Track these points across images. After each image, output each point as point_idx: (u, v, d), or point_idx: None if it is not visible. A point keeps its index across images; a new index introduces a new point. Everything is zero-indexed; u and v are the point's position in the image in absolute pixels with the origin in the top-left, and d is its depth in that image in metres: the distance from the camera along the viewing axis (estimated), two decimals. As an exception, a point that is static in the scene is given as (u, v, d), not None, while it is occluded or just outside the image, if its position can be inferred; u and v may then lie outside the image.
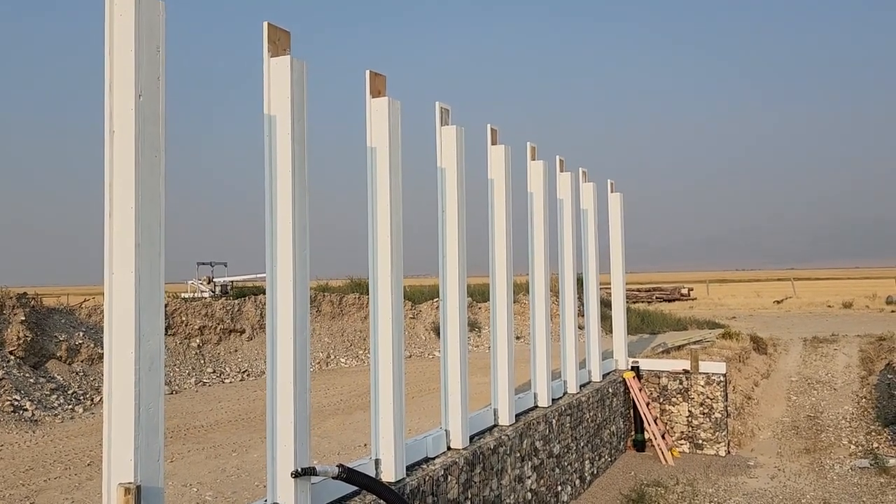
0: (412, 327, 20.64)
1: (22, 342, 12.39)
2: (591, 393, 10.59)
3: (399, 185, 5.93)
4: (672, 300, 46.96)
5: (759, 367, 16.84)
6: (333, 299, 19.78)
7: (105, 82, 3.61)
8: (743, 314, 32.05)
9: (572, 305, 10.56)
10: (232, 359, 16.10)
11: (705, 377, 12.23)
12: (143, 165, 3.53)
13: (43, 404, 11.19)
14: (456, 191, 7.03)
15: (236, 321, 17.15)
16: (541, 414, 8.74)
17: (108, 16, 3.59)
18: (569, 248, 10.47)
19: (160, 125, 3.64)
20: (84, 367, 13.11)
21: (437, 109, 7.18)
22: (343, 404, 11.57)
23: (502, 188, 8.17)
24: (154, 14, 3.62)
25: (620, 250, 13.06)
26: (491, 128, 8.30)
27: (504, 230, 8.17)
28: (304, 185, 4.76)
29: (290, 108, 4.64)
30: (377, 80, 5.94)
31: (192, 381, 14.27)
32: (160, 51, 3.65)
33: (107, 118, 3.59)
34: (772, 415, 14.05)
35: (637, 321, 22.42)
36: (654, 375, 12.61)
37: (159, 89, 3.65)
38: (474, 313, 21.68)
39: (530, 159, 9.37)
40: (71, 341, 13.30)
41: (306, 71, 4.81)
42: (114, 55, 3.60)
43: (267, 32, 4.70)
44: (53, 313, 14.06)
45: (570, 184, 10.57)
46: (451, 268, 7.05)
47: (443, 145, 7.12)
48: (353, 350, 18.33)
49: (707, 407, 12.15)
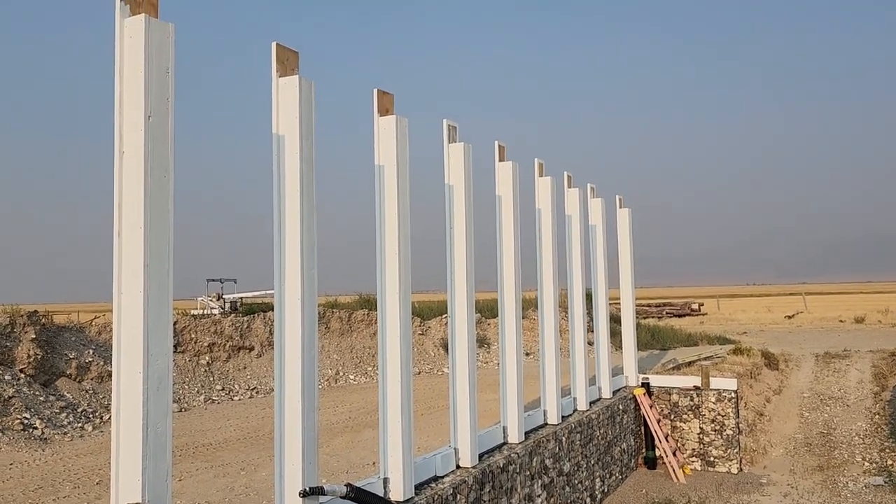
0: (421, 343, 20.59)
1: (32, 360, 12.43)
2: (601, 410, 10.52)
3: (407, 203, 5.94)
4: (682, 315, 46.76)
5: (770, 383, 16.71)
6: (342, 315, 19.78)
7: (115, 103, 3.65)
8: (754, 329, 31.86)
9: (581, 321, 10.52)
10: (241, 376, 16.10)
11: (716, 393, 12.14)
12: (152, 186, 3.55)
13: (53, 422, 11.20)
14: (464, 207, 7.04)
15: (245, 338, 17.16)
16: (550, 431, 8.68)
17: (119, 38, 3.63)
18: (577, 264, 10.45)
19: (169, 145, 3.67)
20: (94, 385, 13.13)
21: (445, 127, 7.21)
22: (352, 422, 11.53)
23: (510, 204, 8.18)
24: (164, 36, 3.66)
25: (630, 266, 13.02)
26: (499, 144, 8.32)
27: (512, 246, 8.17)
28: (313, 204, 4.78)
29: (298, 128, 4.67)
30: (385, 98, 5.97)
31: (202, 399, 14.26)
32: (169, 72, 3.69)
33: (117, 138, 3.62)
34: (784, 431, 13.91)
35: (647, 337, 22.31)
36: (665, 392, 12.52)
37: (168, 110, 3.68)
38: (483, 329, 21.63)
39: (538, 175, 9.38)
40: (81, 359, 13.34)
41: (314, 90, 4.84)
42: (124, 76, 3.63)
43: (275, 53, 4.74)
44: (64, 331, 14.11)
45: (579, 200, 10.57)
46: (460, 284, 7.04)
47: (450, 162, 7.14)
48: (362, 367, 18.29)
49: (718, 424, 12.05)
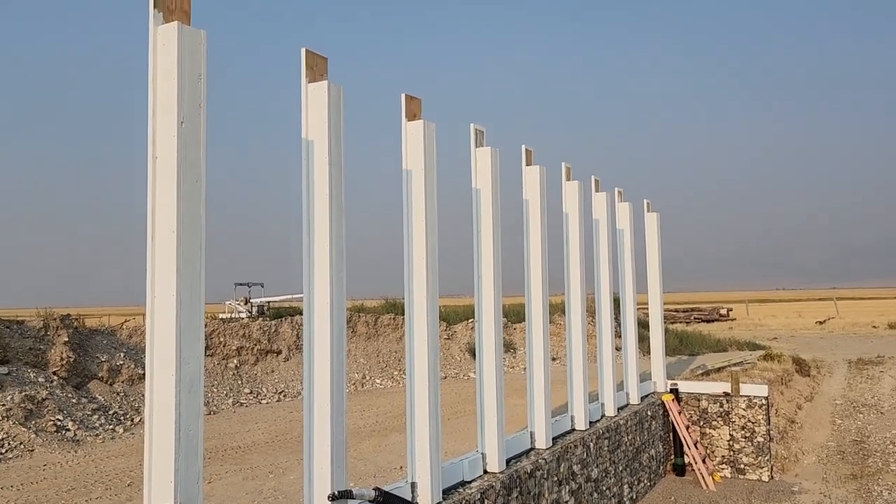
0: (447, 348, 20.59)
1: (65, 363, 12.64)
2: (629, 416, 10.43)
3: (434, 207, 5.95)
4: (711, 321, 46.22)
5: (802, 389, 16.44)
6: (369, 320, 19.84)
7: (148, 109, 3.70)
8: (784, 335, 31.39)
9: (609, 326, 10.44)
10: (269, 379, 16.21)
11: (747, 400, 11.97)
12: (185, 190, 3.60)
13: (85, 424, 11.37)
14: (491, 212, 7.03)
15: (273, 342, 17.29)
16: (578, 437, 8.62)
17: (152, 45, 3.68)
18: (605, 269, 10.38)
19: (201, 150, 3.71)
20: (125, 388, 13.31)
21: (472, 131, 7.21)
22: (378, 426, 11.56)
23: (537, 209, 8.15)
24: (196, 43, 3.70)
25: (658, 270, 12.90)
26: (525, 149, 8.31)
27: (539, 251, 8.14)
28: (341, 209, 4.81)
29: (327, 133, 4.70)
30: (412, 103, 5.99)
31: (230, 402, 14.39)
32: (202, 78, 3.73)
33: (150, 144, 3.67)
34: (816, 439, 13.67)
35: (675, 342, 22.09)
36: (694, 398, 12.38)
37: (200, 115, 3.72)
38: (509, 334, 21.56)
39: (565, 180, 9.34)
40: (112, 362, 13.53)
41: (343, 95, 4.87)
42: (157, 83, 3.69)
43: (305, 58, 4.78)
44: (95, 334, 14.33)
45: (606, 204, 10.51)
46: (487, 289, 7.03)
47: (477, 166, 7.14)
48: (389, 371, 18.33)
49: (749, 430, 11.88)
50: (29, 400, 10.95)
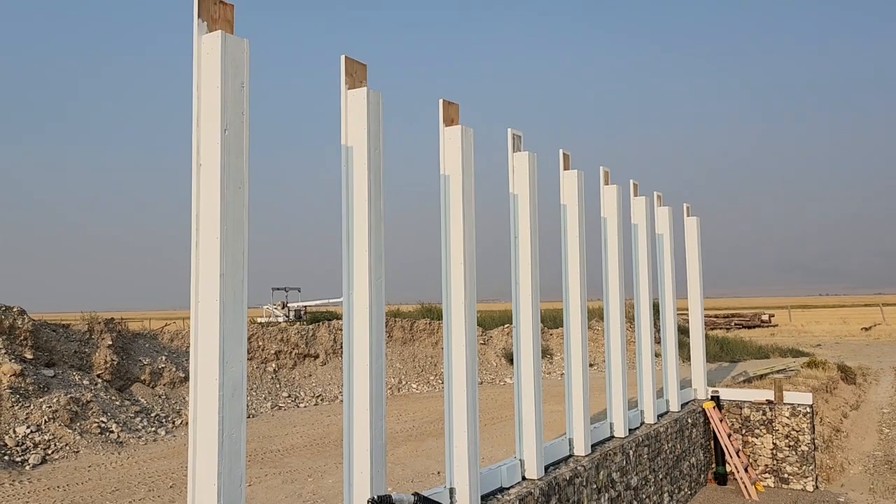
0: (483, 353, 20.54)
1: (109, 366, 12.90)
2: (669, 423, 10.28)
3: (472, 212, 5.94)
4: (752, 327, 45.36)
5: (847, 397, 16.04)
6: (405, 325, 19.91)
7: (193, 117, 3.76)
8: (828, 342, 30.69)
9: (648, 332, 10.31)
10: (306, 383, 16.35)
11: (790, 408, 11.71)
12: (228, 197, 3.64)
13: (128, 426, 11.59)
14: (528, 217, 7.00)
15: (311, 346, 17.44)
16: (617, 444, 8.52)
17: (196, 54, 3.74)
18: (644, 274, 10.26)
19: (244, 158, 3.75)
20: (166, 391, 13.54)
21: (509, 136, 7.18)
22: (415, 431, 11.57)
23: (575, 213, 8.09)
24: (239, 52, 3.75)
25: (698, 275, 12.71)
26: (563, 153, 8.25)
27: (577, 256, 8.07)
28: (381, 214, 4.83)
29: (366, 139, 4.73)
30: (450, 108, 5.99)
31: (269, 406, 14.54)
32: (244, 86, 3.78)
33: (194, 151, 3.73)
34: (863, 448, 13.32)
35: (716, 349, 21.73)
36: (736, 406, 12.15)
37: (243, 123, 3.77)
38: (546, 339, 21.44)
39: (603, 184, 9.26)
40: (154, 365, 13.78)
41: (381, 102, 4.89)
42: (201, 91, 3.74)
43: (344, 65, 4.81)
44: (138, 338, 14.61)
45: (645, 208, 10.39)
46: (525, 295, 6.99)
47: (515, 171, 7.11)
48: (425, 376, 18.35)
49: (793, 439, 11.62)
50: (74, 402, 11.20)
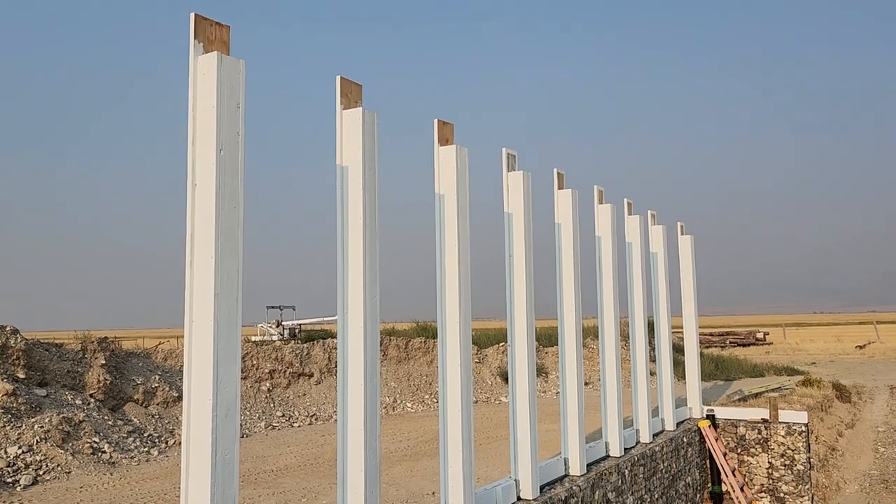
0: (478, 372, 20.47)
1: (102, 385, 12.82)
2: (664, 442, 10.25)
3: (467, 231, 5.95)
4: (747, 345, 45.36)
5: (842, 416, 16.03)
6: (399, 343, 19.84)
7: (188, 137, 3.77)
8: (823, 360, 30.70)
9: (643, 351, 10.31)
10: (300, 402, 16.26)
11: (786, 427, 11.69)
12: (223, 217, 3.65)
13: (120, 447, 11.48)
14: (523, 235, 7.01)
15: (305, 365, 17.36)
16: (613, 464, 8.49)
17: (192, 75, 3.76)
18: (639, 292, 10.27)
19: (239, 178, 3.76)
20: (159, 410, 13.44)
21: (504, 155, 7.22)
22: (410, 450, 11.50)
23: (570, 232, 8.12)
24: (235, 73, 3.77)
25: (692, 294, 12.73)
26: (557, 172, 8.29)
27: (572, 274, 8.08)
28: (375, 233, 4.83)
29: (361, 159, 4.74)
30: (445, 128, 6.02)
31: (262, 425, 14.44)
32: (240, 107, 3.80)
33: (189, 171, 3.74)
34: (858, 467, 13.29)
35: (711, 367, 21.70)
36: (731, 424, 12.13)
37: (239, 143, 3.79)
38: (541, 358, 21.39)
39: (597, 203, 9.30)
40: (147, 384, 13.69)
41: (377, 122, 4.92)
42: (197, 112, 3.76)
43: (340, 86, 4.84)
44: (131, 357, 14.52)
45: (639, 227, 10.42)
46: (520, 313, 6.99)
47: (510, 190, 7.14)
48: (420, 395, 18.26)
49: (788, 458, 11.59)
50: (66, 422, 11.11)
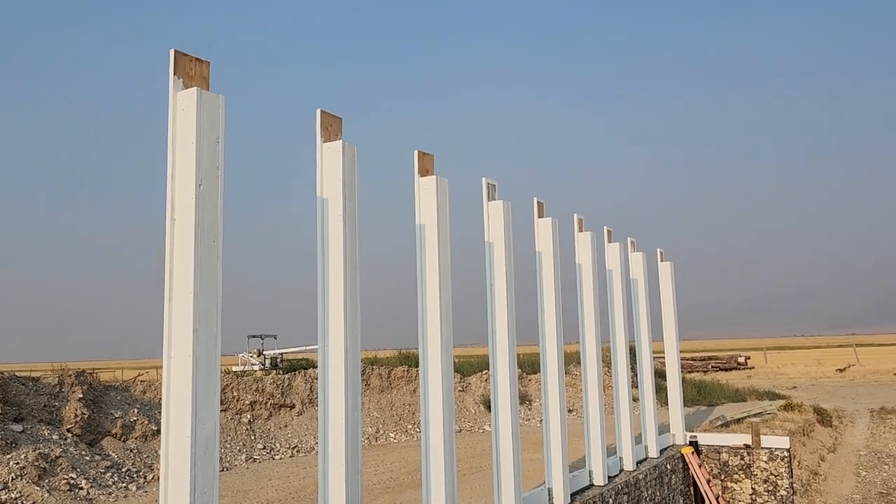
0: (461, 400, 20.36)
1: (79, 420, 12.60)
2: (648, 470, 10.23)
3: (448, 262, 5.97)
4: (729, 369, 45.54)
5: (824, 440, 16.10)
6: (382, 372, 19.71)
7: (168, 172, 3.77)
8: (804, 384, 30.90)
9: (626, 377, 10.32)
10: (282, 434, 16.07)
11: (768, 452, 11.73)
12: (202, 252, 3.64)
13: (98, 482, 11.27)
14: (504, 264, 7.04)
15: (286, 396, 17.18)
16: (597, 493, 8.46)
17: (172, 110, 3.77)
18: (620, 319, 10.32)
19: (219, 212, 3.76)
20: (138, 445, 13.22)
21: (484, 185, 7.27)
22: (393, 482, 11.38)
23: (550, 260, 8.16)
24: (214, 107, 3.79)
25: (673, 319, 12.80)
26: (537, 201, 8.36)
27: (553, 302, 8.11)
28: (356, 265, 4.84)
29: (341, 191, 4.76)
30: (425, 159, 6.07)
31: (243, 458, 14.25)
32: (220, 141, 3.81)
33: (168, 206, 3.74)
34: (841, 492, 13.33)
35: (693, 392, 21.74)
36: (714, 450, 12.14)
37: (218, 178, 3.79)
38: (524, 385, 21.33)
39: (577, 231, 9.37)
40: (126, 418, 13.48)
41: (357, 154, 4.95)
42: (176, 146, 3.77)
43: (320, 119, 4.88)
44: (109, 390, 14.30)
45: (619, 254, 10.50)
46: (501, 342, 6.99)
47: (490, 220, 7.18)
48: (403, 424, 18.12)
49: (771, 484, 11.60)
50: (43, 458, 10.90)
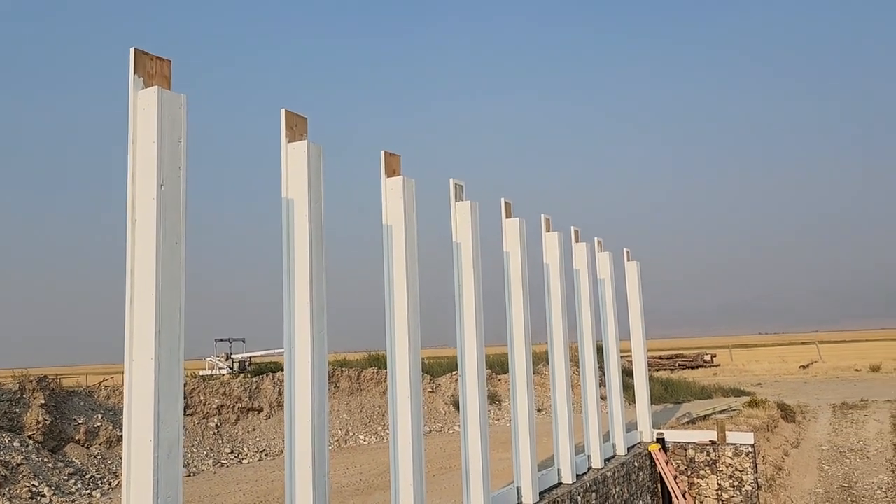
0: (431, 401, 20.35)
1: (41, 426, 12.34)
2: (616, 467, 10.32)
3: (415, 262, 5.97)
4: (695, 367, 46.14)
5: (788, 436, 16.39)
6: (351, 374, 19.61)
7: (128, 172, 3.71)
8: (768, 380, 31.43)
9: (594, 377, 10.41)
10: (250, 438, 15.90)
11: (733, 448, 11.91)
12: (164, 253, 3.59)
13: (61, 489, 11.05)
14: (472, 265, 7.06)
15: (254, 399, 17.02)
16: (565, 491, 8.51)
17: (133, 109, 3.72)
18: (587, 318, 10.40)
19: (181, 212, 3.72)
20: (102, 451, 12.99)
21: (452, 186, 7.28)
22: (362, 484, 11.33)
23: (518, 260, 8.20)
24: (176, 107, 3.75)
25: (640, 318, 12.94)
26: (505, 201, 8.39)
27: (521, 301, 8.15)
28: (322, 265, 4.81)
29: (307, 191, 4.73)
30: (392, 159, 6.06)
31: (210, 463, 14.07)
32: (182, 141, 3.77)
33: (129, 207, 3.68)
34: (804, 486, 13.58)
35: (660, 390, 22.01)
36: (681, 447, 12.30)
37: (180, 178, 3.75)
38: (494, 385, 21.40)
39: (545, 231, 9.42)
40: (90, 424, 13.23)
41: (323, 154, 4.92)
42: (137, 146, 3.71)
43: (284, 119, 4.84)
44: (72, 395, 14.03)
45: (586, 254, 10.59)
46: (469, 341, 7.01)
47: (458, 220, 7.19)
48: (372, 426, 18.06)
49: (737, 479, 11.79)
50: (3, 466, 10.65)
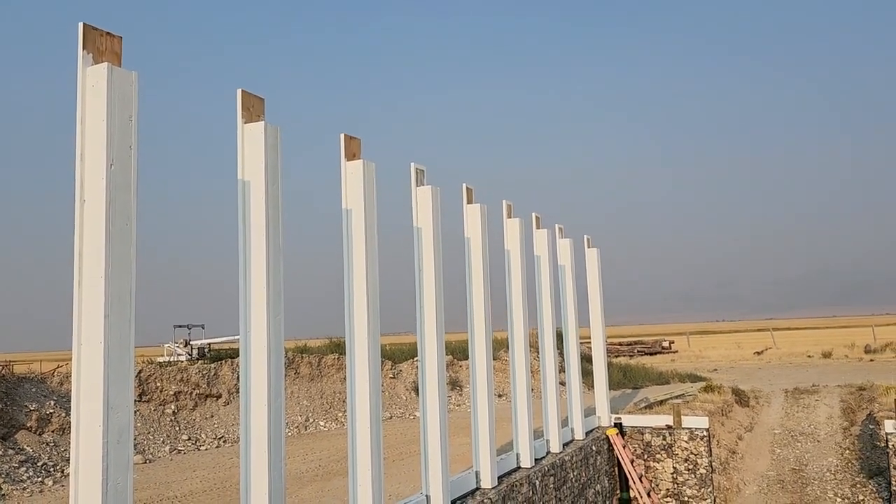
0: (392, 387, 20.36)
1: (-10, 413, 12.03)
2: (574, 451, 10.45)
3: (375, 246, 5.93)
4: (654, 353, 46.90)
5: (742, 420, 16.77)
6: (312, 360, 19.52)
7: (77, 151, 3.60)
8: (724, 366, 32.09)
9: (553, 362, 10.50)
10: (208, 424, 15.73)
11: (689, 432, 12.14)
12: (114, 234, 3.50)
13: (11, 477, 10.80)
14: (432, 250, 7.04)
15: (213, 386, 16.82)
16: (524, 475, 8.59)
17: (81, 86, 3.60)
18: (547, 304, 10.47)
19: (132, 193, 3.62)
20: (55, 438, 12.73)
21: (413, 170, 7.24)
22: (321, 470, 11.30)
23: (479, 246, 8.20)
24: (127, 84, 3.64)
25: (599, 305, 13.08)
26: (466, 187, 8.38)
27: (482, 287, 8.16)
28: (279, 249, 4.74)
29: (263, 173, 4.66)
30: (352, 143, 5.99)
31: (167, 449, 13.89)
32: (132, 120, 3.67)
33: (77, 187, 3.57)
34: (757, 469, 13.93)
35: (619, 376, 22.36)
36: (638, 432, 12.50)
37: (131, 157, 3.65)
38: (455, 371, 21.48)
39: (506, 217, 9.44)
40: (42, 411, 12.95)
41: (280, 136, 4.84)
42: (85, 125, 3.60)
43: (241, 99, 4.74)
44: (24, 382, 13.70)
45: (547, 240, 10.64)
46: (430, 327, 7.00)
47: (418, 205, 7.16)
48: (333, 412, 18.01)
49: (692, 462, 12.03)
50: (-51, 454, 10.36)
